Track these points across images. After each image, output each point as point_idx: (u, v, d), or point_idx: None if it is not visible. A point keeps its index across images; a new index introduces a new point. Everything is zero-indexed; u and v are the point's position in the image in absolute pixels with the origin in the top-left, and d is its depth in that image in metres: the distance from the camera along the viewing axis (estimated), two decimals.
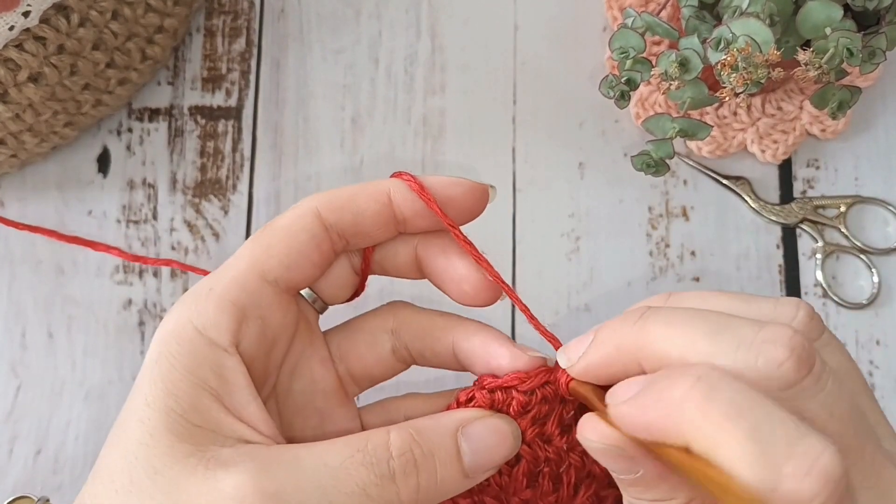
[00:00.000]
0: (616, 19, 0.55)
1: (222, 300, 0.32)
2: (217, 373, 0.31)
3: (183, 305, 0.32)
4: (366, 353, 0.36)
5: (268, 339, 0.33)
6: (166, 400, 0.30)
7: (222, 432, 0.30)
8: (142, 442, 0.29)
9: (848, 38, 0.40)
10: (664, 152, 0.45)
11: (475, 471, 0.32)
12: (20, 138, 0.51)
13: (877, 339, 0.52)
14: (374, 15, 0.58)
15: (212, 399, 0.30)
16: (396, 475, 0.30)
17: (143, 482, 0.29)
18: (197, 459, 0.29)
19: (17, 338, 0.53)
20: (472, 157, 0.55)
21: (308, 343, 0.36)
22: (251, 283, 0.32)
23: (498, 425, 0.32)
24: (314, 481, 0.29)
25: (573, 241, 0.54)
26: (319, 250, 0.33)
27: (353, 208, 0.33)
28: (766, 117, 0.54)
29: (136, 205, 0.55)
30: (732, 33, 0.39)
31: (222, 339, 0.31)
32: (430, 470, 0.30)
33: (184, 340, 0.31)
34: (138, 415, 0.30)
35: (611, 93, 0.46)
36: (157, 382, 0.30)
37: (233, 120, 0.56)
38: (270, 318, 0.33)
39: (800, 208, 0.53)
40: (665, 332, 0.28)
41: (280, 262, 0.33)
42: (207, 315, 0.31)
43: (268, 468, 0.29)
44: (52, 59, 0.47)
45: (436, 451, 0.31)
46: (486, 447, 0.32)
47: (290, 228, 0.33)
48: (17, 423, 0.51)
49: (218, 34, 0.57)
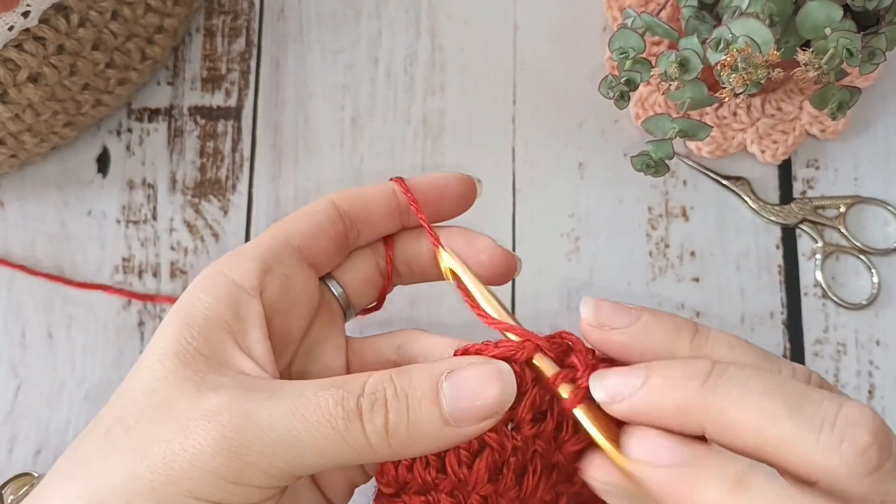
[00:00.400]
0: (616, 19, 0.55)
1: (250, 253, 0.34)
2: (234, 309, 0.32)
3: (215, 263, 0.34)
4: (369, 359, 0.37)
5: (289, 297, 0.35)
6: (181, 329, 0.32)
7: (225, 363, 0.31)
8: (149, 367, 0.31)
9: (848, 39, 0.40)
10: (664, 152, 0.45)
11: (457, 417, 0.29)
12: (20, 138, 0.51)
13: (877, 340, 0.52)
14: (374, 15, 0.58)
15: (223, 332, 0.32)
16: (363, 411, 0.29)
17: (140, 401, 0.31)
18: (193, 383, 0.30)
19: (16, 338, 0.53)
20: (472, 157, 0.55)
21: (328, 329, 0.37)
22: (277, 244, 0.35)
23: (488, 370, 0.30)
24: (284, 407, 0.29)
25: (573, 241, 0.54)
26: (335, 229, 0.36)
27: (362, 198, 0.37)
28: (765, 118, 0.54)
29: (136, 205, 0.55)
30: (732, 34, 0.39)
31: (246, 282, 0.33)
32: (399, 409, 0.29)
33: (209, 282, 0.33)
34: (155, 343, 0.32)
35: (610, 93, 0.46)
36: (177, 314, 0.32)
37: (232, 120, 0.56)
38: (293, 279, 0.35)
39: (799, 208, 0.53)
40: (741, 402, 0.27)
41: (301, 230, 0.35)
42: (237, 264, 0.34)
43: (247, 392, 0.30)
44: (52, 59, 0.47)
45: (410, 392, 0.30)
46: (470, 390, 0.30)
47: (308, 210, 0.36)
48: (16, 422, 0.51)
49: (218, 34, 0.57)
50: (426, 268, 0.39)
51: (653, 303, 0.53)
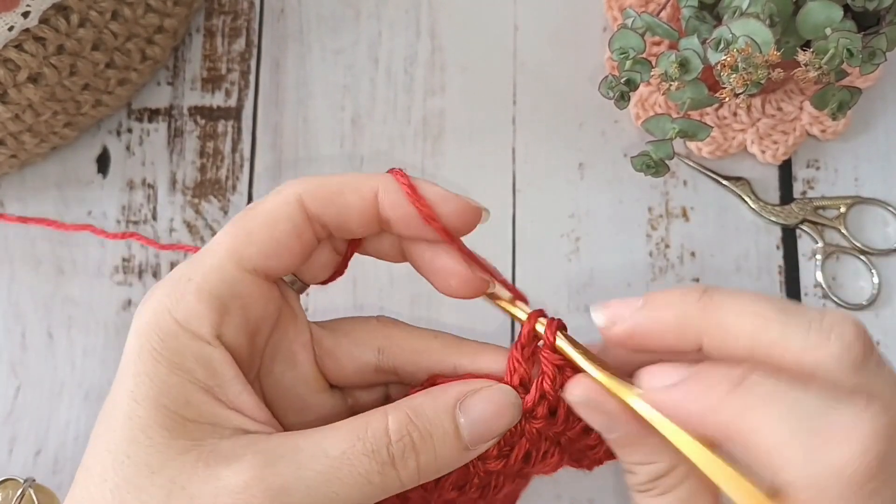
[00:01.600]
0: (616, 20, 0.55)
1: (201, 291, 0.31)
2: (204, 365, 0.30)
3: (161, 295, 0.31)
4: (347, 364, 0.35)
5: (250, 327, 0.32)
6: (156, 397, 0.29)
7: (219, 424, 0.30)
8: (133, 440, 0.29)
9: (848, 39, 0.40)
10: (664, 153, 0.45)
11: (475, 443, 0.32)
12: (20, 138, 0.51)
13: (877, 340, 0.52)
14: (374, 15, 0.58)
15: (203, 392, 0.30)
16: (396, 460, 0.30)
17: (139, 481, 0.28)
18: (196, 455, 0.29)
19: (16, 338, 0.53)
20: (472, 157, 0.55)
21: (290, 327, 0.35)
22: (230, 273, 0.31)
23: (495, 396, 0.32)
24: (317, 472, 0.29)
25: (573, 242, 0.54)
26: (301, 240, 0.33)
27: (338, 202, 0.33)
28: (766, 118, 0.54)
29: (136, 205, 0.55)
30: (732, 34, 0.39)
31: (204, 331, 0.30)
32: (428, 450, 0.30)
33: (166, 334, 0.30)
34: (125, 411, 0.29)
35: (610, 93, 0.46)
36: (143, 377, 0.29)
37: (232, 120, 0.56)
38: (251, 307, 0.32)
39: (800, 209, 0.53)
40: (736, 310, 0.29)
41: (260, 250, 0.32)
42: (188, 306, 0.30)
43: (270, 461, 0.29)
44: (52, 59, 0.47)
45: (433, 431, 0.31)
46: (485, 419, 0.32)
47: (271, 215, 0.32)
48: (16, 423, 0.51)
49: (218, 34, 0.57)
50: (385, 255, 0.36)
51: None
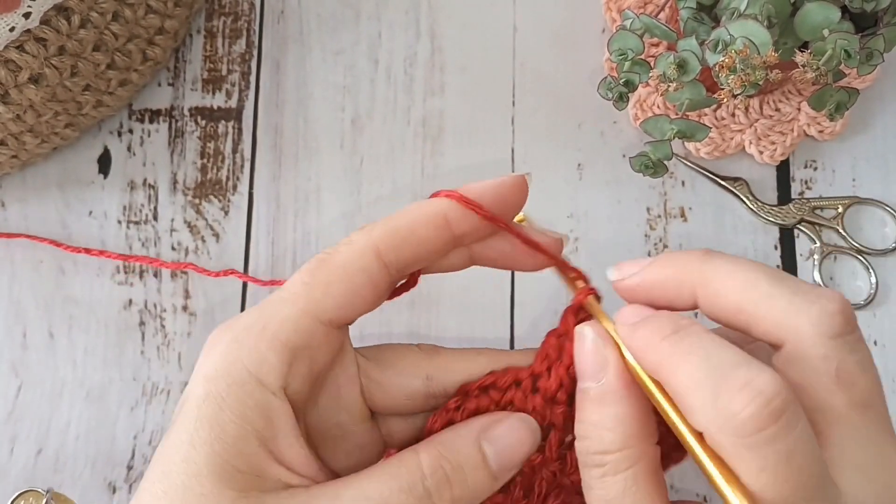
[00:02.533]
0: (614, 21, 0.55)
1: (275, 340, 0.31)
2: (265, 416, 0.30)
3: (231, 340, 0.31)
4: (396, 394, 0.35)
5: (313, 376, 0.33)
6: (213, 443, 0.30)
7: (265, 477, 0.30)
8: (186, 486, 0.29)
9: (846, 40, 0.40)
10: (662, 153, 0.45)
11: (502, 471, 0.33)
12: (21, 139, 0.51)
13: (874, 340, 0.52)
14: (374, 16, 0.58)
15: (257, 444, 0.30)
16: (433, 494, 0.31)
17: None
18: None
19: (17, 338, 0.53)
20: (471, 157, 0.55)
21: (339, 360, 0.35)
22: (305, 324, 0.32)
23: (517, 425, 0.33)
24: None
25: (572, 242, 0.54)
26: (375, 290, 0.33)
27: (413, 241, 0.33)
28: (764, 119, 0.54)
29: (137, 205, 0.55)
30: (730, 35, 0.40)
31: (273, 382, 0.31)
32: (461, 481, 0.32)
33: (233, 382, 0.30)
34: (182, 454, 0.30)
35: (609, 94, 0.46)
36: (204, 423, 0.30)
37: (233, 121, 0.56)
38: (319, 357, 0.32)
39: (797, 209, 0.53)
40: (730, 269, 0.31)
41: (336, 303, 0.32)
42: (260, 355, 0.31)
43: None
44: (53, 60, 0.48)
45: (463, 463, 0.32)
46: (509, 447, 0.33)
47: (348, 269, 0.32)
48: (17, 422, 0.52)
49: (218, 35, 0.58)
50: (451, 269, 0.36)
51: None
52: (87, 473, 0.51)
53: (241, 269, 0.54)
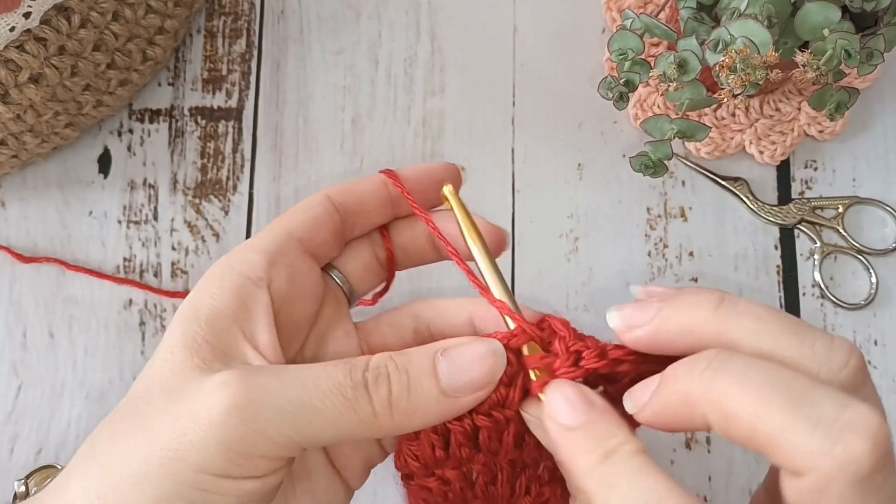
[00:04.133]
0: (615, 21, 0.55)
1: (255, 247, 0.35)
2: (242, 300, 0.33)
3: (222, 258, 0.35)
4: (388, 333, 0.38)
5: (295, 287, 0.36)
6: (190, 319, 0.33)
7: (231, 353, 0.32)
8: (162, 359, 0.32)
9: (846, 40, 0.40)
10: (662, 153, 0.45)
11: (454, 388, 0.32)
12: (21, 139, 0.51)
13: (875, 340, 0.52)
14: (374, 16, 0.58)
15: (230, 321, 0.33)
16: (368, 383, 0.31)
17: (152, 389, 0.32)
18: (200, 371, 0.31)
19: (18, 338, 0.53)
20: (472, 157, 0.55)
21: (335, 317, 0.38)
22: (280, 237, 0.36)
23: (479, 346, 0.33)
24: (296, 377, 0.31)
25: (572, 242, 0.54)
26: (333, 221, 0.37)
27: (355, 191, 0.38)
28: (764, 118, 0.54)
29: (137, 205, 0.55)
30: (731, 35, 0.40)
31: (253, 273, 0.34)
32: (401, 382, 0.32)
33: (216, 275, 0.34)
34: (165, 337, 0.33)
35: (609, 94, 0.46)
36: (187, 305, 0.33)
37: (233, 121, 0.56)
38: (298, 270, 0.36)
39: (798, 209, 0.53)
40: (736, 393, 0.27)
41: (301, 226, 0.36)
42: (244, 257, 0.35)
43: (255, 372, 0.31)
44: (53, 59, 0.48)
45: (410, 368, 0.32)
46: (465, 365, 0.33)
47: (305, 205, 0.37)
48: (18, 422, 0.52)
49: (218, 35, 0.58)
50: (422, 252, 0.40)
51: None
52: None
53: None
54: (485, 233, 0.37)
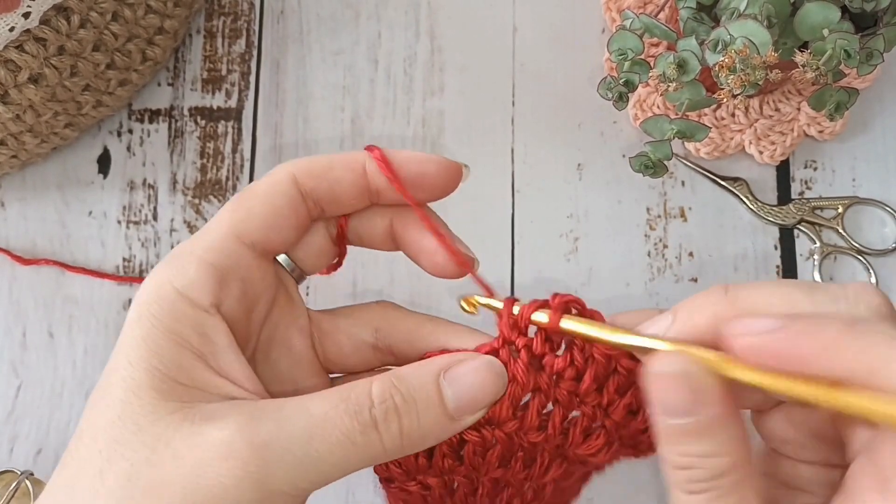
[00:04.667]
0: (614, 21, 0.55)
1: (202, 262, 0.32)
2: (199, 332, 0.31)
3: (163, 267, 0.32)
4: (345, 343, 0.36)
5: (248, 300, 0.33)
6: (149, 359, 0.30)
7: (208, 390, 0.30)
8: (125, 401, 0.30)
9: (845, 40, 0.40)
10: (662, 153, 0.45)
11: (461, 412, 0.31)
12: (21, 139, 0.51)
13: None
14: (374, 16, 0.58)
15: (195, 358, 0.31)
16: (378, 422, 0.30)
17: (126, 439, 0.29)
18: (182, 415, 0.29)
19: (17, 338, 0.53)
20: (471, 157, 0.55)
21: (287, 311, 0.36)
22: (230, 246, 0.33)
23: (481, 366, 0.32)
24: (299, 429, 0.29)
25: (572, 242, 0.54)
26: (296, 215, 0.34)
27: (329, 177, 0.34)
28: (763, 119, 0.54)
29: (137, 205, 0.55)
30: (730, 35, 0.40)
31: (203, 299, 0.31)
32: (411, 415, 0.30)
33: (164, 301, 0.31)
34: (121, 374, 0.30)
35: (609, 94, 0.46)
36: (139, 342, 0.30)
37: (233, 121, 0.56)
38: (250, 280, 0.33)
39: (797, 209, 0.53)
40: (762, 298, 0.29)
41: (258, 225, 0.33)
42: (188, 276, 0.31)
43: (254, 419, 0.29)
44: (53, 60, 0.47)
45: (417, 396, 0.31)
46: (470, 387, 0.32)
47: (267, 193, 0.33)
48: (17, 422, 0.52)
49: (218, 35, 0.58)
50: (377, 241, 0.37)
51: (651, 303, 0.53)
52: None
53: None
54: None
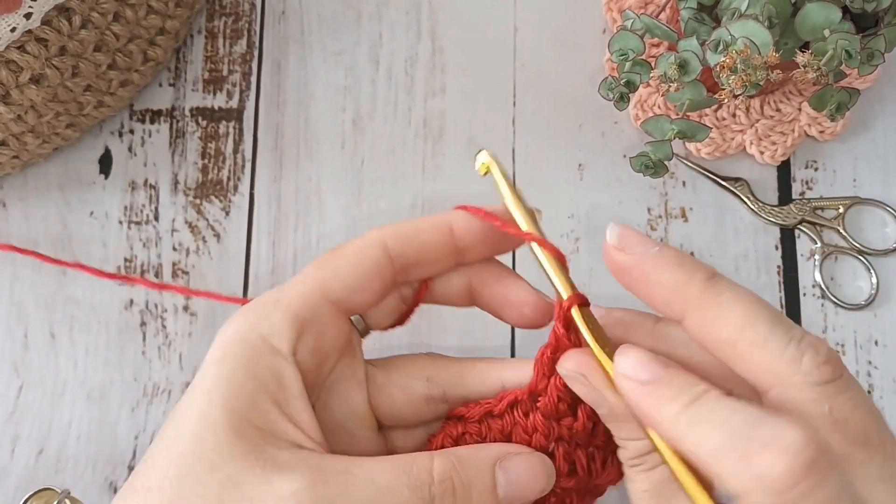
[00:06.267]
0: (615, 21, 0.55)
1: (287, 311, 0.33)
2: (277, 378, 0.32)
3: (249, 313, 0.34)
4: (398, 396, 0.37)
5: (321, 353, 0.34)
6: (229, 399, 0.31)
7: (279, 435, 0.31)
8: (202, 437, 0.31)
9: (846, 40, 0.40)
10: (663, 154, 0.45)
11: (509, 502, 0.33)
12: (22, 139, 0.51)
13: (875, 340, 0.52)
14: (375, 17, 0.58)
15: (271, 403, 0.32)
16: (436, 500, 0.31)
17: (199, 474, 0.30)
18: (255, 459, 0.30)
19: (19, 338, 0.53)
20: (472, 158, 0.55)
21: (349, 364, 0.36)
22: (314, 300, 0.34)
23: (535, 462, 0.34)
24: (362, 497, 0.30)
25: (573, 242, 0.54)
26: (381, 279, 0.35)
27: (417, 239, 0.35)
28: (764, 119, 0.54)
29: (138, 206, 0.55)
30: (731, 35, 0.40)
31: (284, 346, 0.33)
32: (465, 498, 0.32)
33: (248, 345, 0.32)
34: (199, 410, 0.31)
35: (610, 94, 0.46)
36: (221, 381, 0.32)
37: (234, 121, 0.56)
38: (326, 335, 0.34)
39: (798, 209, 0.53)
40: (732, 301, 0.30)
41: (344, 285, 0.34)
42: (272, 323, 0.33)
43: (322, 478, 0.30)
44: (54, 60, 0.48)
45: (474, 482, 0.32)
46: (522, 482, 0.33)
47: (357, 255, 0.35)
48: (18, 422, 0.52)
49: (219, 36, 0.58)
50: (453, 299, 0.38)
51: None
52: (89, 474, 0.51)
53: (243, 270, 0.54)
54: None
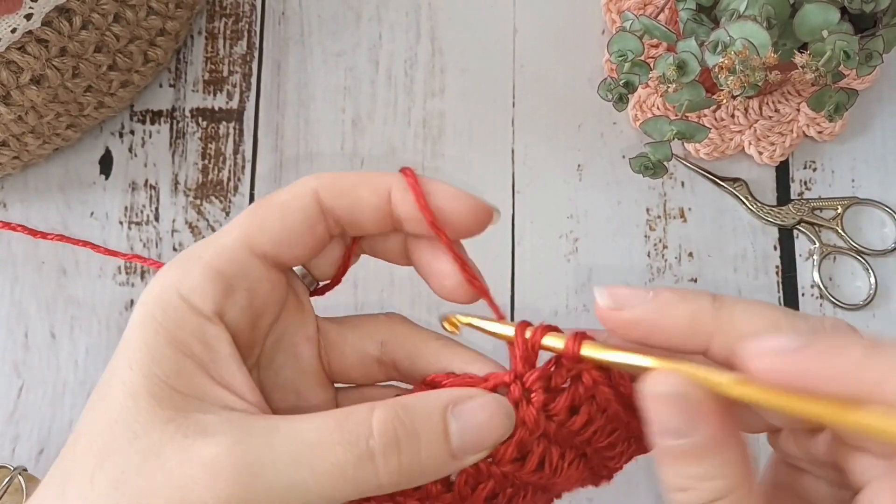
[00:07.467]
0: (614, 22, 0.56)
1: (209, 269, 0.31)
2: (201, 340, 0.30)
3: (170, 270, 0.31)
4: (349, 354, 0.35)
5: (254, 311, 0.32)
6: (150, 364, 0.29)
7: (206, 399, 0.30)
8: (123, 405, 0.29)
9: (845, 41, 0.40)
10: (662, 154, 0.46)
11: (464, 452, 0.30)
12: (22, 140, 0.51)
13: None
14: (375, 18, 0.58)
15: (195, 366, 0.30)
16: (376, 455, 0.28)
17: (120, 445, 0.28)
18: (176, 425, 0.28)
19: (19, 338, 0.53)
20: (472, 158, 0.55)
21: (296, 319, 0.35)
22: (239, 255, 0.32)
23: (492, 405, 0.30)
24: (289, 455, 0.28)
25: (572, 243, 0.54)
26: (313, 232, 0.33)
27: (353, 196, 0.32)
28: (763, 119, 0.54)
29: (138, 206, 0.55)
30: (730, 36, 0.40)
31: (206, 307, 0.31)
32: (413, 450, 0.29)
33: (168, 306, 0.30)
34: (121, 377, 0.30)
35: (609, 95, 0.46)
36: (141, 346, 0.30)
37: (234, 122, 0.56)
38: (257, 291, 0.32)
39: (797, 210, 0.54)
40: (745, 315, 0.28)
41: (271, 238, 0.32)
42: (193, 282, 0.31)
43: (245, 438, 0.28)
44: (55, 61, 0.48)
45: (421, 430, 0.29)
46: (477, 427, 0.30)
47: (286, 206, 0.32)
48: (19, 423, 0.52)
49: (219, 37, 0.58)
50: (390, 256, 0.35)
51: None
52: None
53: None
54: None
